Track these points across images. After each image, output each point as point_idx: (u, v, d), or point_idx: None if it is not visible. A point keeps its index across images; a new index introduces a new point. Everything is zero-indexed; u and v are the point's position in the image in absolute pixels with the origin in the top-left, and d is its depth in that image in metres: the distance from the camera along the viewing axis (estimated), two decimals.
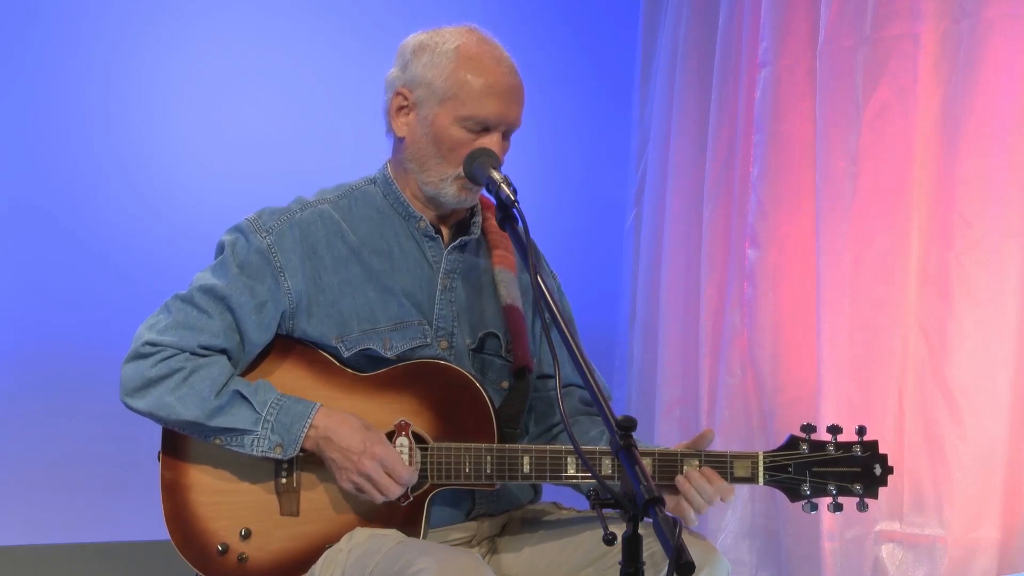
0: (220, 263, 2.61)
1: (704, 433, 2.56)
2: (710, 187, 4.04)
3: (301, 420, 2.50)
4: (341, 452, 2.50)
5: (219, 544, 2.55)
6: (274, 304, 2.58)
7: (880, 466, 2.56)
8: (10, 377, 3.91)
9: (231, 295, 2.56)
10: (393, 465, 2.49)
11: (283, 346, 2.62)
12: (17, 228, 3.93)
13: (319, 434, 2.51)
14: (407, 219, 2.67)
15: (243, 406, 2.51)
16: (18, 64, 3.93)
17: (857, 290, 3.55)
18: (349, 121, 3.63)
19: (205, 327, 2.55)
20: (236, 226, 2.63)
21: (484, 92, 2.57)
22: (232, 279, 2.57)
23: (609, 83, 4.55)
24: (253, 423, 2.50)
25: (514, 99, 2.61)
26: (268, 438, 2.50)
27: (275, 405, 2.51)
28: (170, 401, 2.51)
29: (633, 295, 4.41)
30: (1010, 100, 3.30)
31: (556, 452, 2.54)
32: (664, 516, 1.89)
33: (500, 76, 2.59)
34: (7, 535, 3.88)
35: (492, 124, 2.58)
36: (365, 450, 2.48)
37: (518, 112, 2.62)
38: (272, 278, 2.58)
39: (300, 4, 4.19)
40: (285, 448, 2.50)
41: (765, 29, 3.80)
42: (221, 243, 2.63)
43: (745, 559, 3.85)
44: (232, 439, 2.52)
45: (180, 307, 2.57)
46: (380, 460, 2.48)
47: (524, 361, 2.65)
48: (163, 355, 2.52)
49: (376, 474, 2.48)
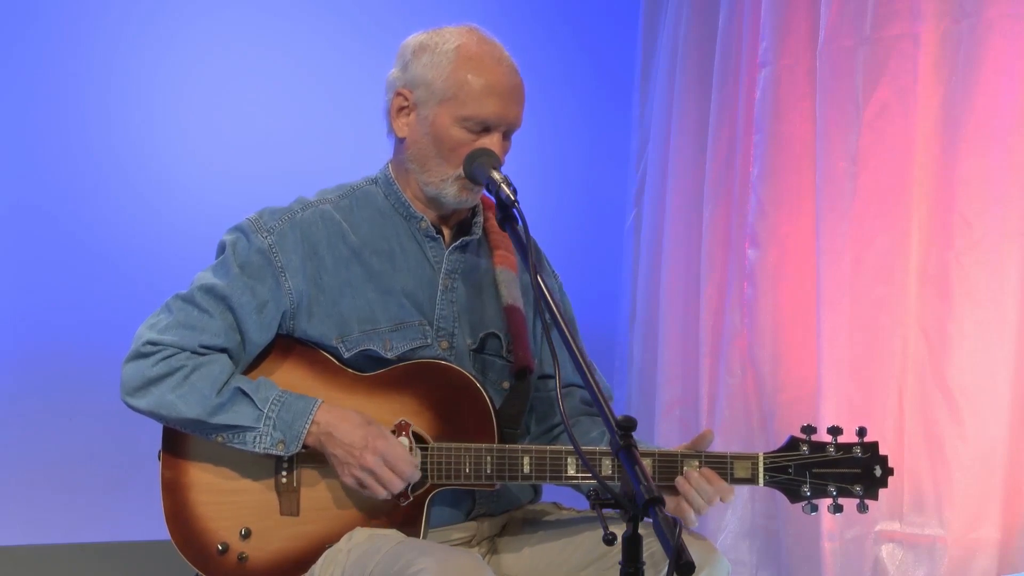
0: (221, 263, 2.61)
1: (704, 434, 2.56)
2: (710, 187, 4.04)
3: (303, 416, 2.50)
4: (343, 448, 2.50)
5: (219, 543, 2.55)
6: (275, 304, 2.58)
7: (880, 467, 2.56)
8: (10, 377, 3.91)
9: (232, 295, 2.56)
10: (395, 459, 2.49)
11: (284, 346, 2.62)
12: (17, 228, 3.93)
13: (321, 430, 2.50)
14: (408, 219, 2.67)
15: (245, 403, 2.51)
16: (18, 64, 3.93)
17: (857, 290, 3.55)
18: (349, 121, 3.64)
19: (206, 327, 2.55)
20: (237, 226, 2.63)
21: (484, 92, 2.57)
22: (233, 279, 2.57)
23: (609, 83, 4.55)
24: (255, 420, 2.50)
25: (514, 99, 2.61)
26: (270, 435, 2.50)
27: (277, 402, 2.51)
28: (171, 399, 2.50)
29: (633, 295, 4.41)
30: (1010, 100, 3.30)
31: (556, 453, 2.54)
32: (664, 516, 1.89)
33: (500, 76, 2.59)
34: (7, 535, 3.88)
35: (492, 124, 2.58)
36: (367, 445, 2.48)
37: (518, 112, 2.62)
38: (273, 278, 2.58)
39: (300, 4, 4.19)
40: (287, 444, 2.50)
41: (765, 29, 3.80)
42: (222, 243, 2.63)
43: (745, 559, 3.85)
44: (234, 436, 2.51)
45: (181, 307, 2.57)
46: (382, 455, 2.48)
47: (525, 362, 2.65)
48: (164, 354, 2.52)
49: (379, 469, 2.48)
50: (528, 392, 2.67)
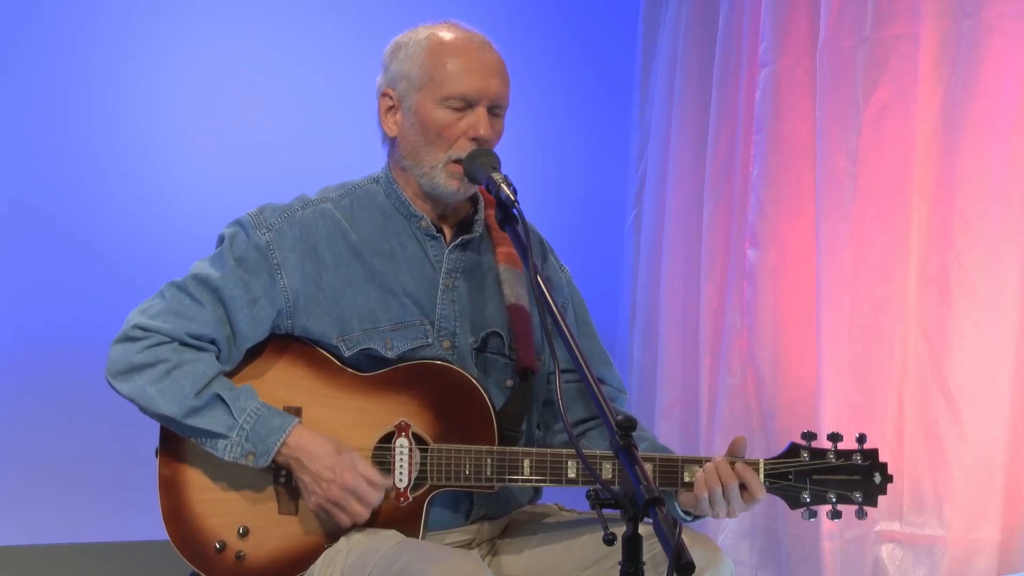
0: (218, 255, 2.61)
1: (736, 440, 2.56)
2: (710, 187, 4.04)
3: (276, 434, 2.50)
4: (311, 476, 2.49)
5: (217, 542, 2.54)
6: (268, 301, 2.58)
7: (880, 474, 2.56)
8: (10, 377, 3.91)
9: (224, 287, 2.56)
10: (364, 494, 2.49)
11: (284, 345, 2.61)
12: (17, 228, 3.93)
13: (291, 452, 2.50)
14: (409, 219, 2.67)
15: (221, 410, 2.50)
16: (18, 64, 3.93)
17: (857, 290, 3.55)
18: (349, 121, 3.63)
19: (196, 315, 2.55)
20: (238, 220, 2.64)
21: (460, 69, 2.58)
22: (228, 271, 2.57)
23: (609, 83, 4.55)
24: (228, 428, 2.50)
25: (492, 72, 2.60)
26: (241, 445, 2.50)
27: (253, 414, 2.50)
28: (151, 392, 2.50)
29: (633, 295, 4.41)
30: (1010, 100, 3.30)
31: (557, 455, 2.54)
32: (664, 516, 1.89)
33: (473, 51, 2.60)
34: (7, 535, 3.88)
35: (473, 99, 2.58)
36: (335, 478, 2.48)
37: (500, 86, 2.61)
38: (268, 275, 2.58)
39: (300, 4, 4.19)
40: (257, 458, 2.50)
41: (765, 29, 3.80)
42: (222, 235, 2.64)
43: (745, 559, 3.85)
44: (206, 441, 2.51)
45: (174, 294, 2.57)
46: (352, 489, 2.48)
47: (527, 362, 2.64)
48: (150, 341, 2.52)
49: (344, 501, 2.49)
50: (530, 392, 2.66)
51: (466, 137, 2.59)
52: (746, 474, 2.50)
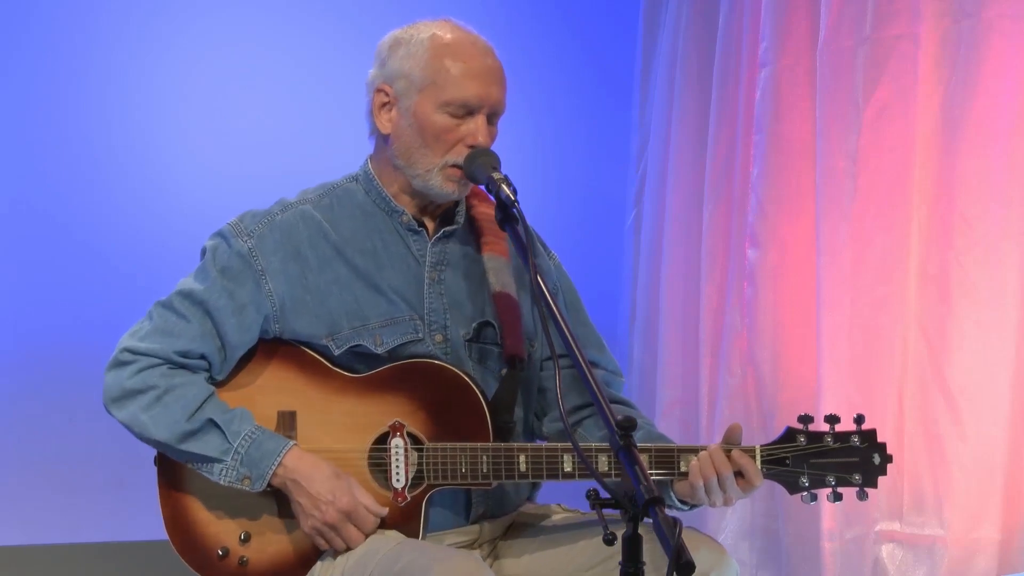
0: (201, 268, 2.61)
1: (732, 428, 2.54)
2: (710, 187, 4.04)
3: (271, 457, 2.49)
4: (308, 498, 2.49)
5: (220, 548, 2.54)
6: (255, 307, 2.57)
7: (879, 455, 2.53)
8: (10, 377, 3.91)
9: (209, 299, 2.55)
10: (361, 519, 2.49)
11: (275, 349, 2.60)
12: (17, 228, 3.93)
13: (287, 475, 2.49)
14: (390, 214, 2.66)
15: (215, 434, 2.50)
16: (18, 64, 3.93)
17: (857, 290, 3.55)
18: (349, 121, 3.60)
19: (183, 332, 2.54)
20: (218, 231, 2.63)
21: (463, 75, 2.56)
22: (212, 283, 2.57)
23: (609, 83, 4.55)
24: (223, 453, 2.49)
25: (494, 80, 2.60)
26: (236, 470, 2.49)
27: (248, 438, 2.50)
28: (143, 419, 2.51)
29: (633, 295, 4.40)
30: (1010, 100, 3.30)
31: (552, 449, 2.53)
32: (664, 516, 1.88)
33: (478, 58, 2.59)
34: (7, 535, 3.88)
35: (475, 106, 2.57)
36: (333, 501, 2.48)
37: (500, 93, 2.60)
38: (253, 282, 2.58)
39: (300, 4, 4.19)
40: (253, 481, 2.50)
41: (765, 29, 3.80)
42: (204, 248, 2.63)
43: (745, 559, 3.84)
44: (201, 466, 2.51)
45: (161, 313, 2.57)
46: (348, 512, 2.48)
47: (515, 350, 2.63)
48: (140, 365, 2.52)
49: (341, 525, 2.48)
50: (517, 380, 2.63)
51: (464, 144, 2.58)
52: (743, 461, 2.48)
